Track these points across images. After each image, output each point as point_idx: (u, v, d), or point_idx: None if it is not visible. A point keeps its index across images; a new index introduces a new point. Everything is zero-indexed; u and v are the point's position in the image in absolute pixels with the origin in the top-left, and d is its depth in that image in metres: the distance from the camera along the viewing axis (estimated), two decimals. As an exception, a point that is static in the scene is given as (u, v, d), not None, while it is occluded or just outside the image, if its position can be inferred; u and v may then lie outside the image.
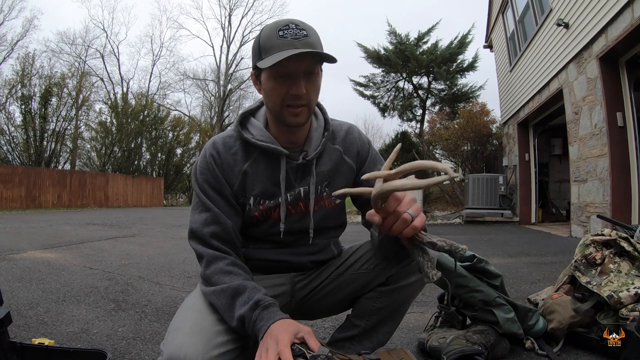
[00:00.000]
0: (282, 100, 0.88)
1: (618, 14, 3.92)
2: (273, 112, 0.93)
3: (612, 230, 1.51)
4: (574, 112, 5.23)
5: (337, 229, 1.11)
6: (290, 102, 0.88)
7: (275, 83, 0.87)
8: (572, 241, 4.67)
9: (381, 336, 1.08)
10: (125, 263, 3.16)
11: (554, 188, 8.65)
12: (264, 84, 0.90)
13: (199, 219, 0.92)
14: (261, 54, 0.87)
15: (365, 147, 1.07)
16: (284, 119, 0.91)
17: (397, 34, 12.36)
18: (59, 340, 1.49)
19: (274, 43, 0.85)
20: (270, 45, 0.85)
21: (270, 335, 0.75)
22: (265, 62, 0.84)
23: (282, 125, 0.94)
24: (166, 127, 22.42)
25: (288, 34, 0.84)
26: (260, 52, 0.87)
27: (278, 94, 0.88)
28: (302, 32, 0.85)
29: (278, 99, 0.88)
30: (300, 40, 0.84)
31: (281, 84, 0.87)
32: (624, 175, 4.23)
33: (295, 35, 0.84)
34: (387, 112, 13.58)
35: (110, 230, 5.95)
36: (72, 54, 20.85)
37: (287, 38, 0.84)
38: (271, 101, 0.90)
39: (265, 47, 0.86)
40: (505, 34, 8.61)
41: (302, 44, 0.84)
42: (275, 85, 0.87)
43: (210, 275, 0.88)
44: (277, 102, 0.89)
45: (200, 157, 0.98)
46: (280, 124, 0.95)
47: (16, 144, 16.36)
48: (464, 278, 1.33)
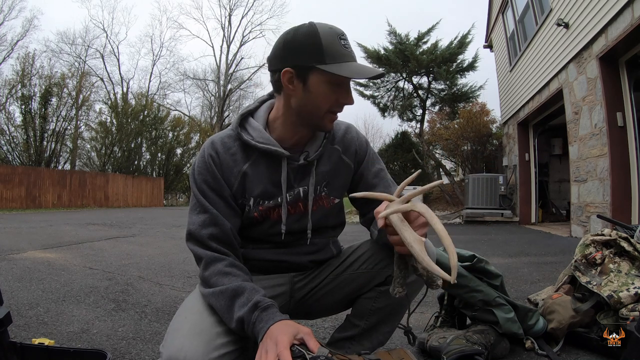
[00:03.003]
0: (330, 107, 0.90)
1: (618, 14, 3.92)
2: (311, 115, 0.91)
3: (612, 230, 1.51)
4: (574, 112, 5.22)
5: (336, 229, 1.11)
6: (336, 109, 0.91)
7: (330, 89, 0.88)
8: (572, 241, 4.67)
9: (381, 336, 1.08)
10: (125, 263, 3.16)
11: (554, 188, 8.65)
12: (314, 86, 0.87)
13: (196, 221, 0.92)
14: (326, 58, 0.84)
15: (363, 147, 1.07)
16: (322, 124, 0.93)
17: (397, 34, 12.36)
18: (59, 340, 1.49)
19: (341, 51, 0.86)
20: (337, 53, 0.86)
21: (270, 336, 0.74)
22: (338, 69, 0.84)
23: (305, 128, 0.95)
24: (166, 127, 22.43)
25: (348, 45, 0.88)
26: (323, 55, 0.84)
27: (328, 100, 0.89)
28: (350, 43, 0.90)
29: (326, 105, 0.90)
30: (353, 53, 0.89)
31: (334, 92, 0.88)
32: (624, 175, 4.23)
33: (350, 47, 0.89)
34: (387, 112, 13.58)
35: (110, 230, 5.95)
36: (72, 54, 20.89)
37: (348, 49, 0.88)
38: (316, 105, 0.89)
39: (331, 53, 0.85)
40: (505, 34, 8.61)
41: (355, 58, 0.89)
42: (328, 91, 0.88)
43: (208, 277, 0.87)
44: (324, 108, 0.90)
45: (198, 157, 0.97)
46: (301, 127, 0.95)
47: (16, 144, 16.37)
48: (464, 278, 1.33)
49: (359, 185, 1.06)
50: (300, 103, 0.90)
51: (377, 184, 1.05)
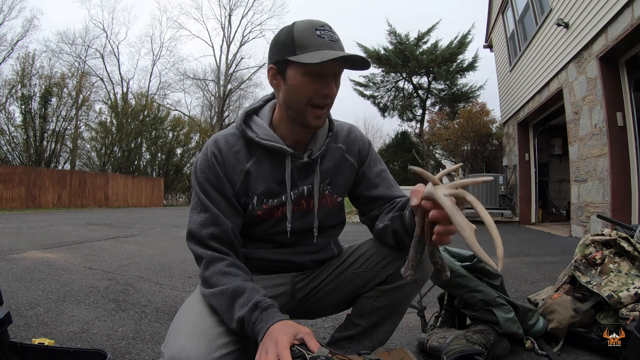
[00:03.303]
0: (309, 99, 0.88)
1: (618, 13, 3.92)
2: (294, 110, 0.91)
3: (612, 230, 1.51)
4: (574, 112, 5.23)
5: (337, 228, 1.11)
6: (316, 101, 0.88)
7: (306, 80, 0.86)
8: (572, 241, 4.67)
9: (381, 335, 1.08)
10: (125, 263, 3.16)
11: (554, 188, 8.66)
12: (291, 79, 0.87)
13: (197, 220, 0.91)
14: (296, 49, 0.85)
15: (366, 147, 1.08)
16: (305, 120, 0.91)
17: (397, 34, 12.37)
18: (59, 340, 1.49)
19: (313, 41, 0.84)
20: (309, 43, 0.84)
21: (270, 337, 0.74)
22: (305, 57, 0.83)
23: (297, 125, 0.94)
24: (166, 127, 22.42)
25: (325, 35, 0.85)
26: (294, 47, 0.85)
27: (307, 91, 0.87)
28: (335, 35, 0.87)
29: (305, 97, 0.88)
30: (337, 43, 0.86)
31: (312, 82, 0.86)
32: (624, 175, 4.23)
33: (331, 37, 0.86)
34: (387, 112, 13.59)
35: (110, 230, 5.95)
36: (72, 54, 20.87)
37: (324, 39, 0.85)
38: (296, 98, 0.89)
39: (302, 44, 0.84)
40: (505, 34, 8.61)
41: (339, 47, 0.86)
42: (306, 82, 0.86)
43: (209, 277, 0.87)
44: (302, 100, 0.88)
45: (201, 155, 0.96)
46: (295, 124, 0.94)
47: (16, 144, 16.36)
48: (464, 278, 1.33)
49: (360, 185, 1.06)
50: (285, 97, 0.91)
51: (379, 184, 1.05)
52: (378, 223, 1.01)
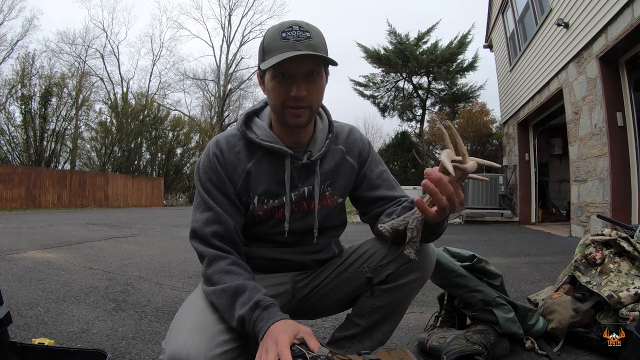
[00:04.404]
0: (284, 102, 0.89)
1: (618, 14, 3.92)
2: (276, 112, 0.94)
3: (612, 230, 1.51)
4: (574, 112, 5.23)
5: (338, 228, 1.12)
6: (291, 103, 0.89)
7: (276, 84, 0.88)
8: (572, 241, 4.67)
9: (381, 335, 1.08)
10: (125, 263, 3.16)
11: (554, 188, 8.66)
12: (267, 84, 0.91)
13: (200, 219, 0.93)
14: (264, 55, 0.88)
15: (366, 148, 1.08)
16: (285, 120, 0.92)
17: (397, 34, 12.38)
18: (59, 340, 1.49)
19: (276, 45, 0.86)
20: (272, 47, 0.86)
21: (270, 336, 0.75)
22: (266, 63, 0.86)
23: (285, 126, 0.95)
24: (166, 127, 22.44)
25: (290, 36, 0.85)
26: (263, 53, 0.89)
27: (279, 94, 0.89)
28: (306, 33, 0.86)
29: (279, 100, 0.89)
30: (302, 42, 0.85)
31: (282, 85, 0.88)
32: (624, 175, 4.23)
33: (297, 37, 0.85)
34: (387, 112, 13.60)
35: (110, 230, 5.95)
36: (72, 54, 20.89)
37: (289, 40, 0.85)
38: (273, 102, 0.92)
39: (268, 49, 0.87)
40: (505, 34, 8.61)
41: (304, 46, 0.85)
42: (276, 86, 0.88)
43: (211, 275, 0.88)
44: (278, 103, 0.90)
45: (203, 155, 0.98)
46: (284, 125, 0.96)
47: (16, 144, 16.37)
48: (464, 278, 1.32)
49: (362, 186, 1.07)
50: (269, 101, 0.96)
51: (381, 185, 1.05)
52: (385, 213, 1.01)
